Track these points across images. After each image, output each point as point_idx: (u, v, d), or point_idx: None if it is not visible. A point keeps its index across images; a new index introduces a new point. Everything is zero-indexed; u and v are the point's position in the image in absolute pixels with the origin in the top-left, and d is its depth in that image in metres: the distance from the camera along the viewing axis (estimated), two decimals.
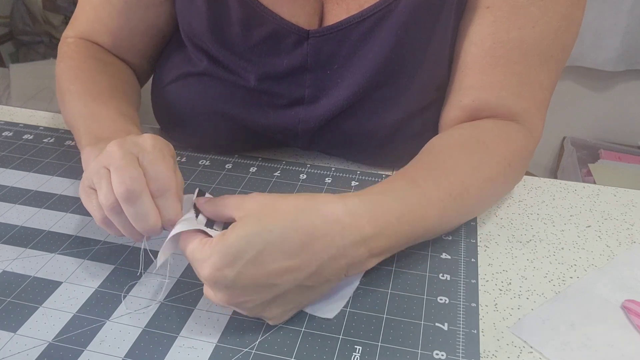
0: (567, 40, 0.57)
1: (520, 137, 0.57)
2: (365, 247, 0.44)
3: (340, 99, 0.60)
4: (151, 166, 0.45)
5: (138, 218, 0.44)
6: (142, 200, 0.43)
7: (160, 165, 0.45)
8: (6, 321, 0.46)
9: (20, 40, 2.12)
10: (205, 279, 0.41)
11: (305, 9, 0.59)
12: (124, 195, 0.43)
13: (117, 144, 0.45)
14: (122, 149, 0.45)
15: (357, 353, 0.43)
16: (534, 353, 0.44)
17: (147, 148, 0.46)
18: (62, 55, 0.66)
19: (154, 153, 0.45)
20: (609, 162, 1.74)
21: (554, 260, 0.54)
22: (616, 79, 1.80)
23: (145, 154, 0.45)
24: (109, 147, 0.46)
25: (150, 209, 0.44)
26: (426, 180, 0.49)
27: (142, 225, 0.44)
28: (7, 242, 0.54)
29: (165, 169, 0.45)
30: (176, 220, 0.45)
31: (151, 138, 0.47)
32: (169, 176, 0.45)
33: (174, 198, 0.45)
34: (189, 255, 0.43)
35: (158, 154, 0.46)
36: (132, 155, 0.45)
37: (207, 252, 0.40)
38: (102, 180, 0.45)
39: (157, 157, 0.45)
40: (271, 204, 0.42)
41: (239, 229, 0.40)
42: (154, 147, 0.46)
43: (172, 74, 0.64)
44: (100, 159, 0.46)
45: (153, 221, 0.44)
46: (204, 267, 0.41)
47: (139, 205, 0.43)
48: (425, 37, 0.57)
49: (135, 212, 0.44)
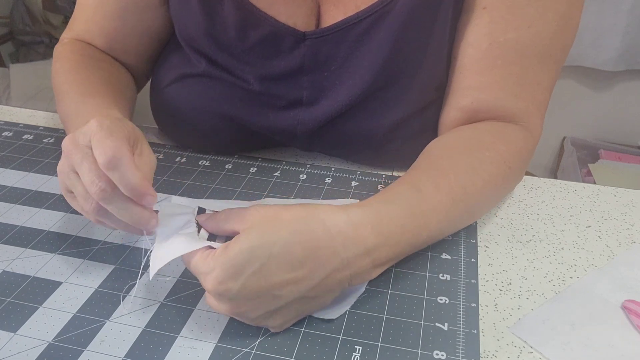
0: (566, 40, 0.57)
1: (519, 138, 0.57)
2: (369, 258, 0.44)
3: (339, 100, 0.60)
4: (97, 145, 0.43)
5: (121, 212, 0.43)
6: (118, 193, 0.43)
7: (107, 139, 0.43)
8: (6, 321, 0.46)
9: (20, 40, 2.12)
10: (210, 292, 0.41)
11: (302, 10, 0.59)
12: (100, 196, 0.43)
13: (69, 141, 0.45)
14: (76, 147, 0.44)
15: (357, 353, 0.43)
16: (534, 353, 0.44)
17: (94, 131, 0.44)
18: (57, 57, 0.66)
19: (100, 133, 0.44)
20: (609, 162, 1.74)
21: (554, 260, 0.54)
22: (616, 78, 1.79)
23: (92, 139, 0.44)
24: (63, 145, 0.45)
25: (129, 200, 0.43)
26: (428, 187, 0.49)
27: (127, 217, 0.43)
28: (7, 242, 0.54)
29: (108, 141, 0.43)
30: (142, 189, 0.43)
31: (96, 121, 0.45)
32: (115, 146, 0.43)
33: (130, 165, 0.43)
34: (193, 268, 0.42)
35: (104, 133, 0.44)
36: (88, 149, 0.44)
37: (210, 265, 0.40)
38: (76, 186, 0.45)
39: (103, 136, 0.44)
40: (273, 215, 0.42)
41: (242, 241, 0.40)
42: (100, 128, 0.44)
43: (171, 75, 0.64)
44: (63, 162, 0.46)
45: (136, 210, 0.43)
46: (207, 280, 0.41)
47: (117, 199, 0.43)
48: (423, 38, 0.57)
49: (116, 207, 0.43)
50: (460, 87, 0.59)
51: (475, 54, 0.57)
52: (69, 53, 0.66)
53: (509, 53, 0.56)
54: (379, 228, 0.44)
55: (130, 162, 0.43)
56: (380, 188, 0.63)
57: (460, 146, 0.55)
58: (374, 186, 0.63)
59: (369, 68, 0.58)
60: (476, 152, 0.54)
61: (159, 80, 0.66)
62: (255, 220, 0.42)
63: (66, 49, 0.67)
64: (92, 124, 0.45)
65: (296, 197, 0.61)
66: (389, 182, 0.64)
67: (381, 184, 0.64)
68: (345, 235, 0.42)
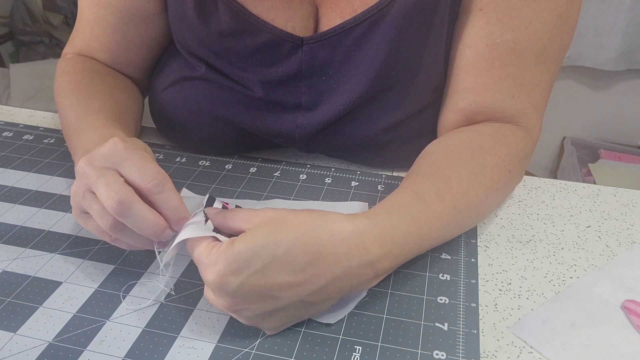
0: (564, 39, 0.57)
1: (518, 139, 0.57)
2: (372, 268, 0.44)
3: (338, 104, 0.60)
4: (137, 169, 0.44)
5: (139, 224, 0.43)
6: (136, 207, 0.43)
7: (146, 164, 0.45)
8: (6, 321, 0.46)
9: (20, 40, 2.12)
10: (210, 284, 0.41)
11: (299, 14, 0.59)
12: (117, 210, 0.43)
13: (85, 163, 0.45)
14: (93, 167, 0.45)
15: (357, 353, 0.43)
16: (534, 353, 0.44)
17: (122, 154, 0.45)
18: (60, 71, 0.66)
19: (134, 156, 0.45)
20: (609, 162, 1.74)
21: (554, 260, 0.54)
22: (616, 78, 1.79)
23: (123, 161, 0.45)
24: (79, 168, 0.45)
25: (148, 212, 0.44)
26: (431, 195, 0.49)
27: (145, 229, 0.44)
28: (7, 242, 0.54)
29: (151, 165, 0.45)
30: (182, 210, 0.45)
31: (120, 143, 0.46)
32: (159, 171, 0.45)
33: (172, 189, 0.45)
34: (196, 258, 0.43)
35: (137, 156, 0.45)
36: (107, 170, 0.44)
37: (214, 258, 0.40)
38: (92, 206, 0.44)
39: (139, 158, 0.45)
40: (281, 218, 0.42)
41: (248, 239, 0.40)
42: (128, 151, 0.45)
43: (170, 78, 0.64)
44: (78, 183, 0.45)
45: (154, 221, 0.44)
46: (209, 272, 0.41)
47: (135, 213, 0.43)
48: (420, 40, 0.57)
49: (134, 220, 0.43)
50: (458, 89, 0.59)
51: (473, 55, 0.57)
52: (72, 68, 0.66)
53: (506, 54, 0.56)
54: (384, 239, 0.44)
55: (172, 188, 0.45)
56: (380, 188, 0.63)
57: (461, 151, 0.55)
58: (374, 186, 0.63)
59: (367, 72, 0.58)
60: (477, 157, 0.54)
61: (157, 84, 0.66)
62: (262, 221, 0.42)
63: (69, 64, 0.67)
64: (115, 144, 0.45)
65: (296, 197, 0.61)
66: (389, 182, 0.64)
67: (381, 184, 0.64)
68: (350, 244, 0.42)
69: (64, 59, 0.68)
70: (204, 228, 0.44)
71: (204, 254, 0.42)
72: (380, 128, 0.61)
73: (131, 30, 0.65)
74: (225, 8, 0.58)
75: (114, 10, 0.64)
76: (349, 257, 0.42)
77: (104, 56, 0.68)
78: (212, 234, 0.44)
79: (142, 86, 0.72)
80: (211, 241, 0.42)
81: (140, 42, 0.67)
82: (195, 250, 0.43)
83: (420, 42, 0.57)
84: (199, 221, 0.45)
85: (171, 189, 0.45)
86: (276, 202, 0.60)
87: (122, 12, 0.64)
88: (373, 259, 0.43)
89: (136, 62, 0.69)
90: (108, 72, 0.67)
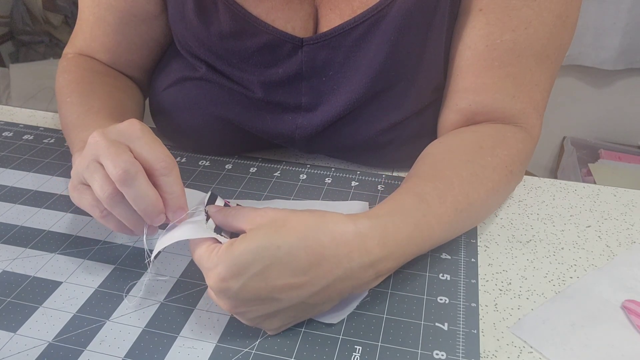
0: (563, 39, 0.57)
1: (519, 140, 0.57)
2: (373, 270, 0.44)
3: (338, 105, 0.60)
4: (149, 148, 0.44)
5: (139, 199, 0.43)
6: (140, 180, 0.43)
7: (159, 146, 0.45)
8: (6, 321, 0.46)
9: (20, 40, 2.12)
10: (211, 287, 0.41)
11: (299, 15, 0.59)
12: (121, 178, 0.42)
13: (99, 135, 0.45)
14: (106, 139, 0.44)
15: (357, 353, 0.43)
16: (534, 353, 0.44)
17: (137, 133, 0.45)
18: (61, 70, 0.66)
19: (148, 136, 0.45)
20: (609, 162, 1.74)
21: (554, 260, 0.54)
22: (616, 77, 1.79)
23: (136, 139, 0.45)
24: (92, 138, 0.45)
25: (149, 188, 0.43)
26: (433, 197, 0.49)
27: (143, 205, 0.43)
28: (7, 242, 0.54)
29: (163, 148, 0.45)
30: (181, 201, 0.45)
31: (138, 123, 0.46)
32: (169, 155, 0.45)
33: (178, 177, 0.45)
34: (197, 260, 0.43)
35: (151, 137, 0.45)
36: (120, 143, 0.44)
37: (214, 261, 0.40)
38: (95, 173, 0.44)
39: (153, 139, 0.45)
40: (282, 219, 0.42)
41: (248, 241, 0.40)
42: (143, 131, 0.45)
43: (170, 78, 0.64)
44: (86, 153, 0.45)
45: (153, 198, 0.43)
46: (209, 275, 0.41)
47: (138, 185, 0.43)
48: (419, 41, 0.57)
49: (135, 192, 0.43)
50: (458, 89, 0.59)
51: (472, 56, 0.57)
52: (73, 67, 0.66)
53: (506, 54, 0.56)
54: (385, 240, 0.44)
55: (178, 175, 0.45)
56: (380, 188, 0.63)
57: (463, 152, 0.55)
58: (374, 186, 0.63)
59: (367, 72, 0.58)
60: (478, 158, 0.54)
61: (158, 84, 0.66)
62: (263, 222, 0.42)
63: (70, 63, 0.67)
64: (133, 124, 0.45)
65: (296, 197, 0.61)
66: (389, 182, 0.64)
67: (381, 184, 0.64)
68: (351, 246, 0.42)
69: (65, 59, 0.68)
70: (204, 228, 0.44)
71: (204, 257, 0.42)
72: (380, 128, 0.61)
73: (132, 31, 0.65)
74: (225, 9, 0.58)
75: (114, 11, 0.64)
76: (350, 258, 0.42)
77: (105, 56, 0.68)
78: (212, 234, 0.43)
79: (143, 86, 0.72)
80: (211, 243, 0.42)
81: (140, 43, 0.67)
82: (196, 252, 0.43)
83: (419, 42, 0.57)
84: (199, 220, 0.45)
85: (177, 175, 0.45)
86: (277, 202, 0.60)
87: (123, 13, 0.64)
88: (374, 260, 0.43)
89: (136, 62, 0.69)
90: (108, 72, 0.67)
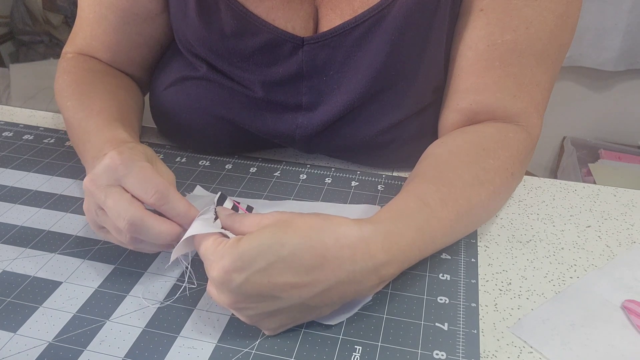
0: (564, 39, 0.57)
1: (519, 140, 0.57)
2: (376, 274, 0.44)
3: (338, 105, 0.60)
4: (137, 183, 0.45)
5: (154, 237, 0.45)
6: (147, 222, 0.44)
7: (145, 176, 0.45)
8: (6, 321, 0.46)
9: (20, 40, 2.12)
10: (213, 279, 0.41)
11: (300, 15, 0.59)
12: (130, 230, 0.44)
13: (90, 183, 0.46)
14: (97, 187, 0.46)
15: (357, 353, 0.43)
16: (534, 353, 0.44)
17: (122, 171, 0.46)
18: (60, 71, 0.66)
19: (130, 169, 0.46)
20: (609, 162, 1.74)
21: (554, 260, 0.54)
22: (616, 78, 1.79)
23: (123, 177, 0.46)
24: (85, 187, 0.47)
25: (160, 224, 0.45)
26: (436, 201, 0.49)
27: (161, 240, 0.45)
28: (7, 242, 0.54)
29: (151, 176, 0.46)
30: (191, 214, 0.46)
31: (116, 155, 0.46)
32: (159, 182, 0.45)
33: (176, 197, 0.46)
34: (202, 253, 0.43)
35: (134, 168, 0.46)
36: (112, 187, 0.45)
37: (220, 254, 0.41)
38: (106, 224, 0.47)
39: (136, 171, 0.46)
40: (288, 220, 0.42)
41: (254, 238, 0.41)
42: (126, 166, 0.46)
43: (171, 77, 0.64)
44: (88, 202, 0.47)
45: (169, 231, 0.45)
46: (214, 267, 0.41)
47: (148, 227, 0.44)
48: (420, 41, 0.57)
49: (148, 233, 0.45)
50: (459, 89, 0.59)
51: (473, 56, 0.57)
52: (72, 68, 0.65)
53: (507, 54, 0.56)
54: (390, 245, 0.44)
55: (175, 194, 0.46)
56: (380, 188, 0.63)
57: (465, 154, 0.55)
58: (374, 186, 0.63)
59: (367, 72, 0.58)
60: (481, 161, 0.54)
61: (158, 83, 0.66)
62: (270, 222, 0.43)
63: (70, 63, 0.66)
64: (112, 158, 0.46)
65: (296, 197, 0.61)
66: (389, 182, 0.64)
67: (381, 184, 0.64)
68: (355, 249, 0.42)
69: (65, 59, 0.68)
70: (212, 224, 0.44)
71: (210, 249, 0.42)
72: (380, 128, 0.61)
73: (132, 30, 0.65)
74: (226, 9, 0.58)
75: (115, 10, 0.64)
76: (353, 261, 0.42)
77: (105, 55, 0.68)
78: (220, 230, 0.44)
79: (143, 85, 0.72)
80: (218, 237, 0.43)
81: (141, 42, 0.67)
82: (202, 245, 0.43)
83: (420, 42, 0.57)
84: (208, 218, 0.45)
85: (174, 196, 0.46)
86: (288, 203, 0.60)
87: (124, 12, 0.64)
88: (377, 264, 0.43)
89: (137, 61, 0.69)
90: (109, 71, 0.67)
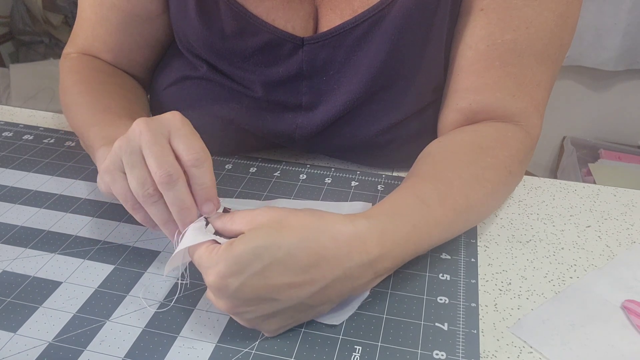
0: (564, 39, 0.57)
1: (519, 140, 0.57)
2: (372, 269, 0.44)
3: (338, 104, 0.60)
4: (186, 140, 0.44)
5: (176, 202, 0.43)
6: (180, 184, 0.43)
7: (195, 139, 0.45)
8: (6, 321, 0.46)
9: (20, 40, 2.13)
10: (210, 286, 0.41)
11: (300, 15, 0.59)
12: (164, 180, 0.43)
13: (144, 124, 0.44)
14: (150, 130, 0.44)
15: (357, 353, 0.43)
16: (534, 353, 0.44)
17: (177, 124, 0.45)
18: (65, 71, 0.66)
19: (187, 128, 0.45)
20: (609, 162, 1.74)
21: (554, 260, 0.54)
22: (616, 78, 1.80)
23: (176, 131, 0.44)
24: (136, 126, 0.44)
25: (187, 194, 0.44)
26: (433, 199, 0.49)
27: (179, 209, 0.44)
28: (7, 242, 0.54)
29: (199, 142, 0.45)
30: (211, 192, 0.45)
31: (179, 115, 0.46)
32: (204, 148, 0.45)
33: (210, 170, 0.45)
34: (196, 261, 0.43)
35: (189, 129, 0.45)
36: (163, 137, 0.44)
37: (214, 260, 0.40)
38: (136, 168, 0.44)
39: (191, 132, 0.45)
40: (281, 219, 0.42)
41: (247, 240, 0.40)
42: (183, 123, 0.45)
43: (171, 77, 0.65)
44: (129, 139, 0.44)
45: (189, 204, 0.44)
46: (209, 273, 0.41)
47: (178, 189, 0.43)
48: (420, 41, 0.57)
49: (174, 196, 0.43)
50: (459, 89, 0.59)
51: (473, 55, 0.57)
52: (78, 67, 0.65)
53: (507, 54, 0.56)
54: (384, 240, 0.44)
55: (211, 167, 0.45)
56: (380, 188, 0.63)
57: (463, 152, 0.55)
58: (374, 186, 0.63)
59: (367, 72, 0.58)
60: (479, 159, 0.54)
61: (159, 83, 0.66)
62: (262, 222, 0.42)
63: (74, 63, 0.66)
64: (174, 116, 0.45)
65: (296, 197, 0.61)
66: (389, 182, 0.64)
67: (381, 184, 0.64)
68: (350, 245, 0.42)
69: (68, 58, 0.68)
70: (204, 232, 0.44)
71: (204, 256, 0.41)
72: (380, 128, 0.61)
73: (134, 30, 0.65)
74: (226, 9, 0.58)
75: (117, 11, 0.64)
76: (349, 258, 0.42)
77: (107, 56, 0.68)
78: (212, 237, 0.43)
79: (144, 85, 0.72)
80: (210, 243, 0.42)
81: (143, 42, 0.67)
82: (195, 253, 0.43)
83: (419, 42, 0.57)
84: (199, 226, 0.45)
85: (209, 168, 0.45)
86: (280, 201, 0.60)
87: (125, 13, 0.64)
88: (372, 259, 0.43)
89: (139, 61, 0.69)
90: (115, 72, 0.68)
